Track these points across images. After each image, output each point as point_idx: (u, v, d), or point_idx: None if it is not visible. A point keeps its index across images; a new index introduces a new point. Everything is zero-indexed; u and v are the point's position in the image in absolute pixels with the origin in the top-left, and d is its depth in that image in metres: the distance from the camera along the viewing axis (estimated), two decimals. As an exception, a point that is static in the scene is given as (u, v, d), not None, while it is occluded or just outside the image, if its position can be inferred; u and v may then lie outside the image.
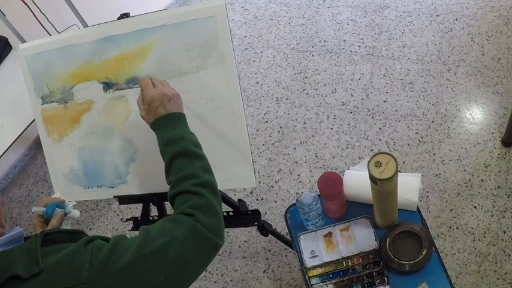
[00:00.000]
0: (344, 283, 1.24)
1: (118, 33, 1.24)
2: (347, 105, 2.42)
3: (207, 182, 0.89)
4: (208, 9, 1.16)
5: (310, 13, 2.87)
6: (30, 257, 0.68)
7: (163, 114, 0.99)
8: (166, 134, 0.97)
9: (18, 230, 0.75)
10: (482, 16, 2.59)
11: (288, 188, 2.22)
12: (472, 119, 2.22)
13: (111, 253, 0.71)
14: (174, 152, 0.93)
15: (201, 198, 0.86)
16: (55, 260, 0.69)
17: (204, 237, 0.81)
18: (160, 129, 0.98)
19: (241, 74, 2.68)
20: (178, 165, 0.91)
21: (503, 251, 1.84)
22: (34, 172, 2.66)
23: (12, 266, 0.67)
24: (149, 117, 1.01)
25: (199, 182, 0.88)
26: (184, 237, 0.78)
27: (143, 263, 0.72)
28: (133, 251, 0.73)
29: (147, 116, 1.02)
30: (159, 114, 0.99)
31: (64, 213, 1.06)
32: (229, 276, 2.04)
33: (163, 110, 1.00)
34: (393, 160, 1.05)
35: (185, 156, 0.92)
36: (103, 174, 1.34)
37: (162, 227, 0.80)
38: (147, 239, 0.76)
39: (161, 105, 1.00)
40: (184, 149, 0.93)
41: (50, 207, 1.05)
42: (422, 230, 1.22)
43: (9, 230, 0.78)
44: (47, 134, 1.38)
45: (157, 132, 0.99)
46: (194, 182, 0.88)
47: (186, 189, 0.87)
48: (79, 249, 0.71)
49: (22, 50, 1.35)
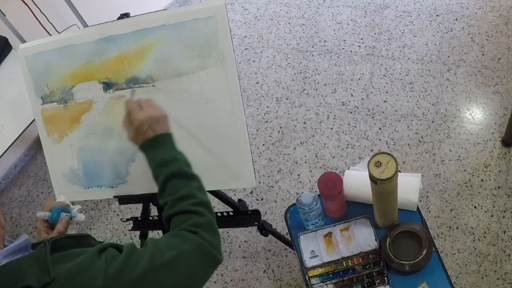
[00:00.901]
0: (344, 283, 1.24)
1: (118, 33, 1.24)
2: (347, 105, 2.42)
3: (204, 202, 0.90)
4: (208, 9, 1.16)
5: (310, 13, 2.87)
6: (40, 266, 0.68)
7: (152, 136, 0.99)
8: (157, 155, 0.96)
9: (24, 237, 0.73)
10: (482, 16, 2.59)
11: (288, 188, 2.22)
12: (472, 119, 2.22)
13: (125, 264, 0.72)
14: (168, 173, 0.93)
15: (202, 217, 0.87)
16: (68, 269, 0.69)
17: (208, 253, 0.83)
18: (151, 151, 0.98)
19: (241, 74, 2.68)
20: (174, 186, 0.92)
21: (503, 251, 1.84)
22: (34, 172, 2.66)
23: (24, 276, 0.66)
24: (138, 140, 1.00)
25: (197, 201, 0.89)
26: (191, 251, 0.80)
27: (155, 274, 0.74)
28: (146, 263, 0.74)
29: (135, 139, 1.01)
30: (148, 137, 0.99)
31: (69, 218, 1.05)
32: (229, 276, 2.04)
33: (152, 132, 0.99)
34: (393, 160, 1.05)
35: (180, 177, 0.93)
36: (103, 174, 1.34)
37: (168, 242, 0.81)
38: (157, 251, 0.77)
39: (149, 128, 0.99)
40: (179, 170, 0.94)
41: (55, 212, 1.03)
42: (422, 230, 1.22)
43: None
44: (47, 134, 1.38)
45: (147, 154, 0.99)
46: (192, 202, 0.89)
47: (185, 209, 0.88)
48: (93, 258, 0.71)
49: (22, 50, 1.35)
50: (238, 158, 1.24)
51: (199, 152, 1.25)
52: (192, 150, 1.25)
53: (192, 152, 1.25)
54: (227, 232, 2.16)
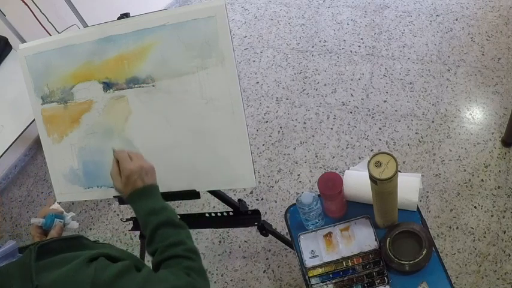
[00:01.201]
0: (344, 283, 1.24)
1: (118, 33, 1.24)
2: (347, 105, 2.42)
3: (194, 249, 0.93)
4: (208, 9, 1.16)
5: (310, 13, 2.87)
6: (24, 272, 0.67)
7: (141, 186, 1.00)
8: (147, 205, 0.98)
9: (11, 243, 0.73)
10: (482, 16, 2.59)
11: (288, 188, 2.22)
12: (472, 119, 2.22)
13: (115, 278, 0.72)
14: (158, 222, 0.94)
15: (193, 262, 0.89)
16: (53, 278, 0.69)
17: None
18: (140, 201, 0.99)
19: (241, 74, 2.68)
20: (164, 234, 0.93)
21: (503, 251, 1.84)
22: (34, 172, 2.66)
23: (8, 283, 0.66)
24: (126, 190, 1.01)
25: (188, 248, 0.91)
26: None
27: None
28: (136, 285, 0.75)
29: (123, 189, 1.02)
30: (137, 186, 0.99)
31: (63, 224, 1.07)
32: (229, 276, 2.04)
33: (141, 183, 1.00)
34: (393, 160, 1.05)
35: (169, 225, 0.94)
36: (103, 174, 1.34)
37: (164, 275, 0.83)
38: (151, 279, 0.78)
39: (139, 178, 1.00)
40: (168, 219, 0.95)
41: (48, 219, 1.05)
42: (422, 230, 1.22)
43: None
44: (47, 134, 1.38)
45: (135, 204, 1.00)
46: (183, 248, 0.91)
47: (177, 254, 0.89)
48: (81, 266, 0.71)
49: (22, 50, 1.35)
50: (238, 158, 1.24)
51: (199, 152, 1.25)
52: (192, 150, 1.25)
53: (192, 152, 1.26)
54: (227, 232, 2.16)
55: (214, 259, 2.09)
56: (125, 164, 1.02)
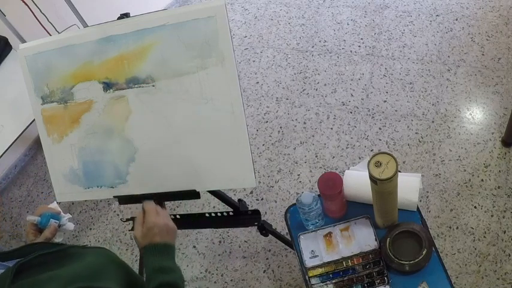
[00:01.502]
0: (344, 283, 1.24)
1: (118, 33, 1.24)
2: (347, 105, 2.42)
3: None
4: (208, 9, 1.16)
5: (310, 13, 2.87)
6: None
7: (159, 242, 1.00)
8: (159, 261, 0.97)
9: None
10: (482, 16, 2.59)
11: (288, 188, 2.22)
12: (472, 119, 2.22)
13: None
14: (163, 280, 0.93)
15: None
16: None
17: None
18: (154, 255, 0.99)
19: (241, 74, 2.68)
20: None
21: (503, 251, 1.84)
22: (34, 172, 2.66)
23: None
24: (144, 241, 1.01)
25: None
26: None
27: None
28: None
29: (141, 239, 1.01)
30: (155, 241, 1.00)
31: (58, 225, 1.06)
32: (229, 276, 2.04)
33: (160, 239, 1.00)
34: (393, 160, 1.05)
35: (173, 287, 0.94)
36: (103, 174, 1.34)
37: None
38: None
39: (160, 233, 1.00)
40: (174, 281, 0.95)
41: (44, 218, 1.05)
42: (422, 230, 1.22)
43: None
44: (47, 134, 1.38)
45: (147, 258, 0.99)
46: None
47: None
48: None
49: (22, 50, 1.35)
50: (238, 158, 1.24)
51: (199, 152, 1.25)
52: (192, 150, 1.25)
53: (192, 152, 1.26)
54: (227, 232, 2.16)
55: (214, 259, 2.09)
56: (151, 216, 1.03)
